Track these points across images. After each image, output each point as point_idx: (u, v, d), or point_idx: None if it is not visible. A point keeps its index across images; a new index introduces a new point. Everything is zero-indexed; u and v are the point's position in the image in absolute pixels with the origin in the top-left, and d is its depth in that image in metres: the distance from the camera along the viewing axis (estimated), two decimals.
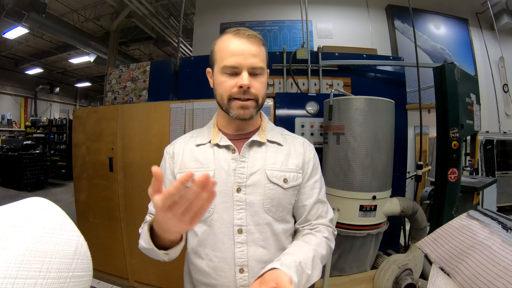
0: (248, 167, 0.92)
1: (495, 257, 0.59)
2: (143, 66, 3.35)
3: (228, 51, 0.85)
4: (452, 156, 2.08)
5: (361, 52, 3.23)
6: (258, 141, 0.95)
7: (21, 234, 0.56)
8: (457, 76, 2.10)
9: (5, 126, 12.70)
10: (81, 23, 7.80)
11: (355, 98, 1.97)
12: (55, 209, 0.70)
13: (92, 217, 3.03)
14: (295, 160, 0.97)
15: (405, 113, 2.87)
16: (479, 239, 0.67)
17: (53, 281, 0.55)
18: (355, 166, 1.92)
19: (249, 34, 0.87)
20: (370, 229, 1.99)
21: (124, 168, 2.78)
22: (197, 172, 0.87)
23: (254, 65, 0.85)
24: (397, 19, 4.88)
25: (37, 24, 6.49)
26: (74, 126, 3.23)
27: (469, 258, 0.64)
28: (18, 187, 7.94)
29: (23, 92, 13.44)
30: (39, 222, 0.62)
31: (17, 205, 0.67)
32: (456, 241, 0.72)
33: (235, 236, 0.89)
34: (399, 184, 2.75)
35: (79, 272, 0.63)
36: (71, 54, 10.22)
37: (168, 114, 2.62)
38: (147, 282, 2.76)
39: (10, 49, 10.03)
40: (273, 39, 4.69)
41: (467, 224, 0.74)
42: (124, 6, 6.37)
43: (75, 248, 0.65)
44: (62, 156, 10.38)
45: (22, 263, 0.51)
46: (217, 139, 0.95)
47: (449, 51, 5.19)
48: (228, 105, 0.88)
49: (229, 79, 0.86)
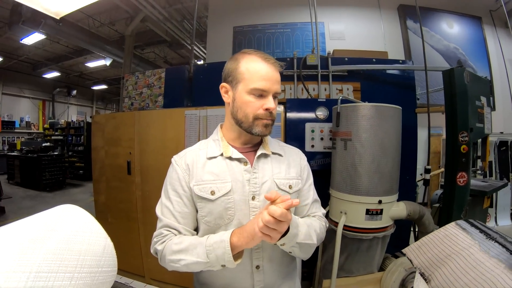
0: (259, 177, 1.02)
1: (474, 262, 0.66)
2: (158, 73, 3.46)
3: (259, 75, 0.96)
4: (461, 160, 2.08)
5: (371, 55, 3.24)
6: (265, 153, 1.06)
7: (60, 236, 0.68)
8: (467, 79, 2.09)
9: (24, 128, 13.08)
10: (97, 28, 7.98)
11: (362, 105, 2.02)
12: (85, 214, 0.83)
13: (111, 218, 3.17)
14: (295, 169, 1.11)
15: (415, 117, 2.88)
16: (462, 246, 0.73)
17: (86, 275, 0.67)
18: (361, 171, 1.96)
19: (275, 62, 0.98)
20: (376, 232, 2.03)
21: (141, 172, 2.90)
22: (214, 184, 0.98)
23: (278, 91, 0.99)
24: (409, 19, 4.80)
25: (53, 30, 6.69)
26: (93, 131, 3.37)
27: (448, 264, 0.71)
28: (37, 187, 8.19)
29: (41, 95, 13.83)
30: (73, 226, 0.75)
31: (53, 211, 0.81)
32: (438, 249, 0.79)
33: None
34: (409, 188, 2.78)
35: (106, 268, 0.76)
36: (87, 58, 10.46)
37: (183, 120, 2.72)
38: (162, 280, 2.87)
39: (28, 54, 10.32)
40: (286, 42, 4.70)
41: (454, 233, 0.80)
42: (138, 11, 6.49)
43: (103, 247, 0.78)
44: (80, 158, 10.65)
45: (62, 260, 0.63)
46: (229, 152, 1.03)
47: (463, 50, 5.07)
48: (253, 123, 0.98)
49: (256, 100, 0.97)
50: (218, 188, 0.99)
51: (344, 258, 2.16)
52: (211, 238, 0.92)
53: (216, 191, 0.98)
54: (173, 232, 1.01)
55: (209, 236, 0.93)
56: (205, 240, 0.92)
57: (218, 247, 0.88)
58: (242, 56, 1.00)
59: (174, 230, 1.01)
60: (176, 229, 1.01)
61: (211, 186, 0.99)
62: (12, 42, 9.04)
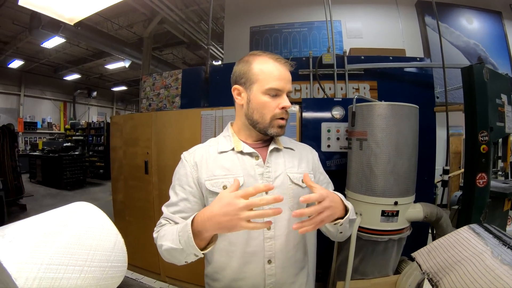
0: (272, 171, 1.03)
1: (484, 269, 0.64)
2: (175, 74, 3.51)
3: (274, 75, 0.98)
4: (481, 161, 2.02)
5: (388, 53, 3.18)
6: (277, 148, 1.07)
7: (72, 231, 0.73)
8: (486, 77, 2.02)
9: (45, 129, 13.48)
10: (115, 31, 8.14)
11: (378, 104, 1.99)
12: (98, 211, 0.88)
13: (128, 216, 3.25)
14: (307, 163, 1.12)
15: (433, 115, 2.82)
16: (473, 252, 0.71)
17: (95, 269, 0.71)
18: (377, 171, 1.94)
19: (285, 61, 1.01)
20: (392, 234, 2.00)
21: (158, 171, 2.96)
22: (226, 179, 1.00)
23: (291, 90, 1.01)
24: (427, 15, 4.67)
25: (73, 34, 6.87)
26: (111, 132, 3.46)
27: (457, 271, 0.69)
28: (58, 186, 8.42)
29: (62, 96, 14.22)
30: (86, 222, 0.80)
31: (67, 208, 0.85)
32: (448, 254, 0.76)
33: (265, 232, 1.00)
34: (427, 189, 2.72)
35: (116, 263, 0.80)
36: (106, 60, 10.68)
37: (199, 121, 2.75)
38: (177, 277, 2.94)
39: (49, 57, 10.64)
40: (303, 41, 4.67)
41: (466, 237, 0.78)
42: (156, 13, 6.58)
43: (113, 243, 0.82)
44: (100, 157, 10.86)
45: (73, 254, 0.67)
46: (240, 146, 1.05)
47: (483, 46, 4.89)
48: (269, 124, 1.00)
49: (272, 100, 0.99)
50: (231, 182, 0.98)
51: (358, 260, 2.13)
52: (182, 223, 0.89)
53: (228, 185, 0.98)
54: (170, 222, 1.02)
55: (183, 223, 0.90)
56: (179, 226, 0.89)
57: (183, 230, 0.84)
58: (253, 58, 1.02)
59: (172, 222, 1.02)
60: (174, 221, 1.01)
61: (223, 181, 1.00)
62: (33, 46, 9.33)
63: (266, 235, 1.00)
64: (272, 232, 1.01)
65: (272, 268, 1.01)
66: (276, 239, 1.01)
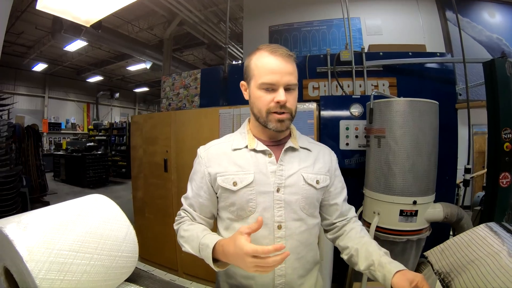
0: (285, 170, 1.02)
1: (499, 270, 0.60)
2: (194, 73, 3.57)
3: (266, 69, 0.95)
4: (504, 159, 1.94)
5: (408, 49, 3.12)
6: (292, 147, 1.06)
7: (84, 221, 0.78)
8: (509, 71, 1.95)
9: (69, 129, 13.85)
10: (136, 33, 8.30)
11: (396, 100, 1.96)
12: (111, 204, 0.94)
13: (148, 213, 3.31)
14: (324, 165, 1.10)
15: (455, 113, 2.74)
16: (488, 251, 0.68)
17: (105, 257, 0.76)
18: (395, 169, 1.90)
19: (286, 53, 0.96)
20: (410, 235, 1.94)
21: (177, 169, 3.01)
22: (237, 175, 1.01)
23: (290, 83, 0.95)
24: (448, 10, 4.49)
25: (94, 37, 7.04)
26: (132, 131, 3.54)
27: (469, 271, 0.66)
28: (81, 184, 8.65)
29: (85, 98, 14.59)
30: (99, 213, 0.85)
31: (83, 199, 0.92)
32: (462, 253, 0.73)
33: (275, 232, 1.00)
34: (449, 189, 2.66)
35: (126, 253, 0.85)
36: (128, 62, 10.92)
37: (217, 119, 2.79)
38: (194, 274, 2.97)
39: (72, 60, 10.92)
40: (322, 39, 4.64)
41: (482, 236, 0.75)
42: (175, 15, 6.67)
43: (125, 234, 0.87)
44: (122, 157, 11.08)
45: (83, 242, 0.72)
46: (253, 144, 1.04)
47: (506, 41, 4.67)
48: (267, 118, 0.98)
49: (267, 94, 0.96)
50: (241, 179, 1.00)
51: None
52: (205, 238, 0.94)
53: (238, 182, 0.99)
54: (188, 216, 1.09)
55: (205, 235, 0.96)
56: (201, 237, 0.95)
57: (205, 249, 0.91)
58: (254, 53, 1.01)
59: (190, 215, 1.08)
60: (191, 215, 1.08)
61: (233, 177, 1.01)
62: (56, 50, 9.63)
63: (276, 235, 1.00)
64: (283, 232, 1.00)
65: (282, 268, 1.01)
66: (287, 239, 1.01)
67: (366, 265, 0.94)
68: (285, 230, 1.00)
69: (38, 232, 0.67)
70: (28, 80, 11.76)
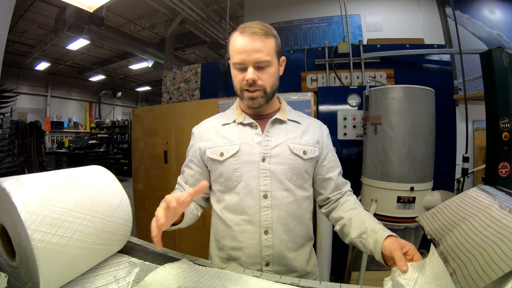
0: (271, 141, 1.05)
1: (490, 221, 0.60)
2: (195, 68, 3.60)
3: (235, 49, 0.97)
4: (503, 149, 1.94)
5: (405, 42, 3.15)
6: (280, 119, 1.08)
7: (80, 184, 0.81)
8: (506, 61, 1.96)
9: (71, 128, 13.85)
10: (138, 32, 8.31)
11: (392, 88, 1.98)
12: (108, 173, 0.98)
13: (148, 205, 3.35)
14: (313, 136, 1.11)
15: (453, 104, 2.75)
16: (479, 207, 0.67)
17: (98, 220, 0.78)
18: (392, 156, 1.92)
19: (253, 31, 0.95)
20: (408, 222, 1.95)
21: (177, 160, 3.02)
22: (224, 147, 1.05)
23: (258, 60, 0.95)
24: (448, 6, 4.49)
25: (96, 35, 7.03)
26: (133, 124, 3.57)
27: (461, 226, 0.65)
28: None
29: (87, 97, 14.57)
30: (95, 179, 0.89)
31: (83, 168, 0.96)
32: (453, 213, 0.73)
33: (261, 201, 1.01)
34: (448, 180, 2.66)
35: (120, 220, 0.87)
36: (130, 61, 10.90)
37: (216, 110, 2.78)
38: None
39: (74, 59, 10.92)
40: (322, 36, 4.63)
41: (474, 196, 0.75)
42: (177, 13, 6.70)
43: (119, 201, 0.90)
44: (124, 155, 11.18)
45: (78, 202, 0.75)
46: (240, 118, 1.08)
47: (507, 37, 4.65)
48: (241, 95, 1.02)
49: (239, 73, 0.99)
50: (227, 149, 1.04)
51: None
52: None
53: (225, 152, 1.04)
54: (180, 188, 1.16)
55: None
56: None
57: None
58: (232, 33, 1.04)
59: (181, 187, 1.15)
60: (182, 188, 1.14)
61: (220, 149, 1.05)
62: (58, 49, 9.63)
63: (262, 204, 1.01)
64: (268, 201, 1.01)
65: (269, 239, 1.01)
66: (273, 209, 1.02)
67: (358, 233, 0.93)
68: (271, 199, 1.02)
69: (35, 189, 0.69)
70: (30, 79, 11.77)
